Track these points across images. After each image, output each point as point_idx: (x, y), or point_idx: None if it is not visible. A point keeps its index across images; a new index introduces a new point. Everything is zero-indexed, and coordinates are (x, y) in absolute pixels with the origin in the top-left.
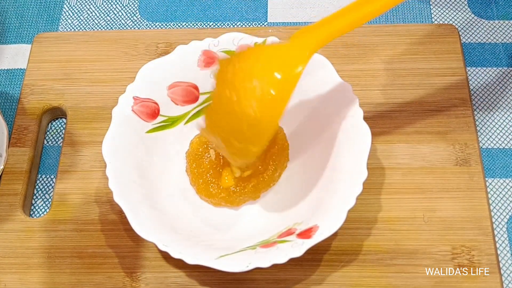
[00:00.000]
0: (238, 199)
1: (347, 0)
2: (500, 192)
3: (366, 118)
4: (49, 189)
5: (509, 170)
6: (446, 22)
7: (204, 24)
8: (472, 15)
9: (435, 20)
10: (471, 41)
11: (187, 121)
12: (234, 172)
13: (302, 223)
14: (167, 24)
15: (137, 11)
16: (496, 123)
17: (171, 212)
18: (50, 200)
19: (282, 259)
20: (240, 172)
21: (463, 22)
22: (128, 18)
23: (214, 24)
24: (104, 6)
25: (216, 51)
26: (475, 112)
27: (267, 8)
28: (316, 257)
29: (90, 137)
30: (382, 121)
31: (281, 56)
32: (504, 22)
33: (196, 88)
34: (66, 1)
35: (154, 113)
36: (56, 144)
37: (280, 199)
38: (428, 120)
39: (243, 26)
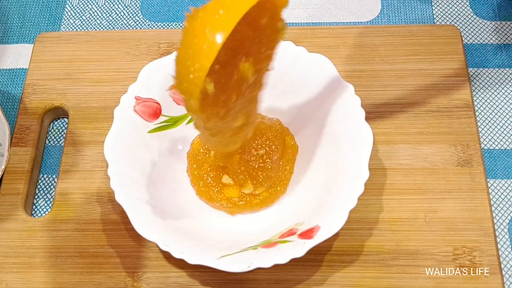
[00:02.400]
0: (239, 210)
1: (348, 0)
2: (502, 193)
3: (367, 119)
4: (51, 189)
5: (510, 171)
6: (448, 23)
7: None
8: (474, 16)
9: (437, 21)
10: (473, 42)
11: (189, 121)
12: (245, 188)
13: (303, 223)
14: (169, 24)
15: (139, 11)
16: (497, 124)
17: (172, 212)
18: (51, 199)
19: (283, 259)
20: (253, 189)
21: (465, 23)
22: (130, 18)
23: None
24: (106, 6)
25: None
26: (477, 113)
27: None
28: (318, 257)
29: (92, 137)
30: (383, 121)
31: None
32: (506, 23)
33: None
34: (68, 1)
35: (156, 113)
36: (58, 144)
37: (282, 199)
38: (430, 121)
39: None
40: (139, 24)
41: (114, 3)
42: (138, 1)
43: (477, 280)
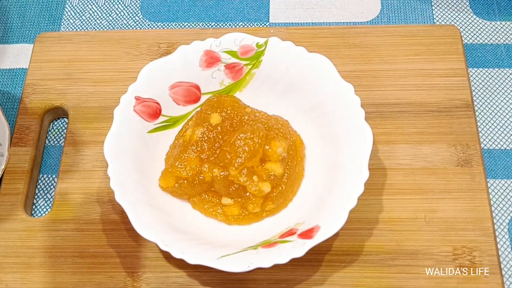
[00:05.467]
0: (240, 224)
1: (348, 1)
2: (502, 193)
3: (367, 119)
4: (51, 189)
5: (510, 171)
6: (448, 23)
7: (206, 24)
8: (474, 16)
9: (437, 21)
10: (473, 42)
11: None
12: (252, 209)
13: (303, 223)
14: (169, 24)
15: (139, 11)
16: (497, 124)
17: (172, 212)
18: (51, 199)
19: (283, 259)
20: (261, 209)
21: (465, 23)
22: (130, 18)
23: (216, 24)
24: (106, 6)
25: (218, 51)
26: (477, 113)
27: (269, 9)
28: (318, 257)
29: (92, 137)
30: (383, 121)
31: None
32: (505, 23)
33: (198, 88)
34: (68, 1)
35: (155, 113)
36: (58, 144)
37: None
38: (430, 121)
39: (245, 26)
40: (139, 24)
41: (114, 3)
42: (138, 1)
43: (477, 280)
